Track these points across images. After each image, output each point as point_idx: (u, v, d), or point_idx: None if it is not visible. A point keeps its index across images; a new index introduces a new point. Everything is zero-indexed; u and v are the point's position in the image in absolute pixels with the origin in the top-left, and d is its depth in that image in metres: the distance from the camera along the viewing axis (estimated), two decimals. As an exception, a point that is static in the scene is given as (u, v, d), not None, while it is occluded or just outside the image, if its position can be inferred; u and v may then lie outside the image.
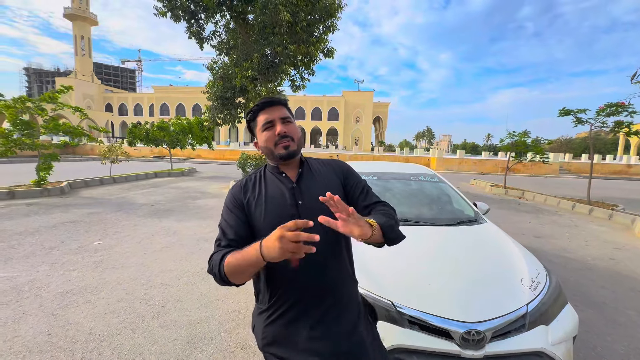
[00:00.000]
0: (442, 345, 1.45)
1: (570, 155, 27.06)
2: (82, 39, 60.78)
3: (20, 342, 2.20)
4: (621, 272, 3.99)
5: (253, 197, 1.03)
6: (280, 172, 1.08)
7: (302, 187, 1.05)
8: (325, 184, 1.07)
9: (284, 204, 1.01)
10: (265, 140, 1.05)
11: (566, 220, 7.15)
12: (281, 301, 1.00)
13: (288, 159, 1.05)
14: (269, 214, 1.00)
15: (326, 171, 1.13)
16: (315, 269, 0.99)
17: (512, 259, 1.96)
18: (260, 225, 0.99)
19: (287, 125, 1.04)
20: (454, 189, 3.11)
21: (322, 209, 0.90)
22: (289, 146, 1.03)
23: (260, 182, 1.07)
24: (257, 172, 1.13)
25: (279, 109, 1.06)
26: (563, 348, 1.54)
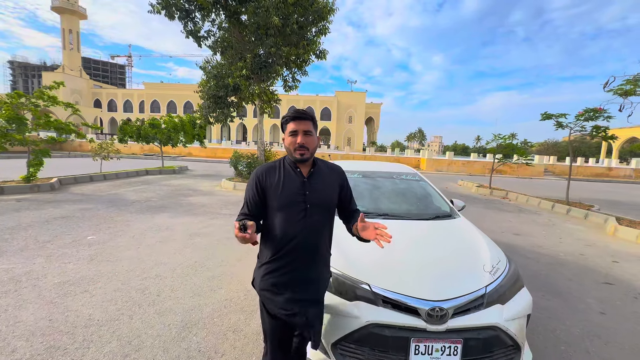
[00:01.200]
0: (410, 321, 1.66)
1: (555, 158, 27.88)
2: (70, 33, 59.48)
3: (23, 326, 2.33)
4: (588, 266, 4.30)
5: (272, 181, 1.39)
6: (297, 168, 1.42)
7: (311, 182, 1.41)
8: (327, 184, 1.47)
9: (295, 192, 1.38)
10: (288, 143, 1.39)
11: (545, 220, 7.51)
12: (276, 261, 1.38)
13: (301, 162, 1.40)
14: (282, 197, 1.37)
15: (330, 175, 1.51)
16: (308, 244, 1.39)
17: (477, 248, 2.20)
18: (274, 203, 1.37)
19: (307, 137, 1.37)
20: (433, 187, 3.35)
21: (322, 200, 1.42)
22: (304, 154, 1.37)
23: (280, 171, 1.42)
24: (279, 162, 1.46)
25: (305, 123, 1.37)
26: (516, 324, 1.77)
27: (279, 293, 1.38)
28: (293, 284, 1.39)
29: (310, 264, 1.42)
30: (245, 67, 9.90)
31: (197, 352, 2.14)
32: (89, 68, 74.88)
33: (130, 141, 15.11)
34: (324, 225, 1.45)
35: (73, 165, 15.60)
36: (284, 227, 1.36)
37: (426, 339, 1.64)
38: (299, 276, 1.40)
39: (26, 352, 2.05)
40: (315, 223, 1.40)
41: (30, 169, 8.16)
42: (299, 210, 1.36)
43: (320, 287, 1.49)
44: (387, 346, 1.66)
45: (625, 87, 7.11)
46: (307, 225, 1.37)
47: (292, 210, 1.36)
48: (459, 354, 1.64)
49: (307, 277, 1.42)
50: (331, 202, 1.49)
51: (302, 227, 1.36)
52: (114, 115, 60.12)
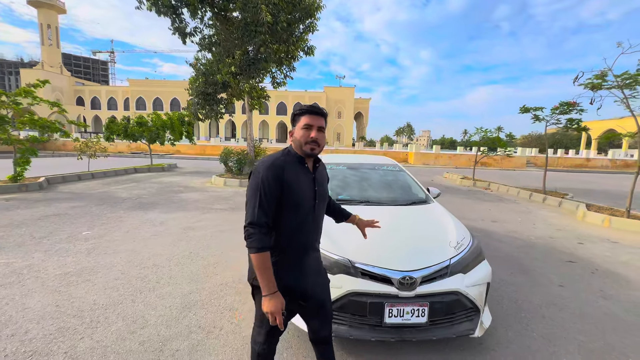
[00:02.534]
0: (384, 289, 1.93)
1: (537, 150, 28.86)
2: (48, 28, 57.46)
3: (32, 312, 2.51)
4: (555, 248, 4.70)
5: (291, 177, 1.33)
6: (304, 163, 1.42)
7: (317, 178, 1.46)
8: (325, 180, 1.56)
9: (309, 189, 1.40)
10: (300, 136, 1.37)
11: (522, 208, 7.97)
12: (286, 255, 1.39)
13: (310, 157, 1.42)
14: (300, 194, 1.36)
15: (324, 170, 1.58)
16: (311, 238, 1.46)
17: (445, 228, 2.49)
18: (293, 200, 1.33)
19: (320, 134, 1.39)
20: (412, 177, 3.64)
21: (325, 195, 1.52)
22: (315, 149, 1.38)
23: (294, 168, 1.37)
24: (286, 156, 1.39)
25: (320, 119, 1.40)
26: (475, 290, 2.06)
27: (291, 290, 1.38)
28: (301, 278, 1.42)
29: (313, 251, 1.48)
30: (234, 64, 9.97)
31: (198, 328, 2.37)
32: (69, 64, 72.63)
33: (117, 139, 14.97)
34: (322, 218, 1.54)
35: (58, 164, 15.36)
36: (293, 222, 1.36)
37: (398, 303, 1.92)
38: (307, 270, 1.44)
39: (39, 333, 2.24)
40: (319, 217, 1.47)
41: (17, 168, 8.11)
42: (309, 206, 1.39)
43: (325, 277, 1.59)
44: (365, 311, 1.93)
45: (594, 81, 7.58)
46: (313, 220, 1.42)
47: (304, 207, 1.38)
48: (426, 315, 1.93)
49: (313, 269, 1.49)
50: (327, 195, 1.60)
51: (309, 222, 1.41)
52: (97, 113, 58.69)
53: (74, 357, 2.00)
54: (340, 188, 3.25)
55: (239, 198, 8.01)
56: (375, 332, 1.95)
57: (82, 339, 2.18)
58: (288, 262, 1.39)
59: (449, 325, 2.01)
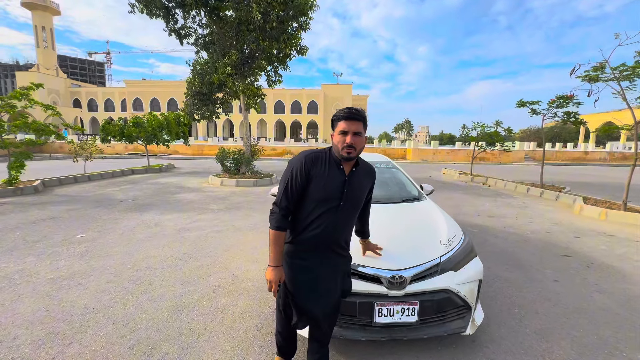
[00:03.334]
0: (374, 288, 1.92)
1: (535, 144, 28.84)
2: (43, 30, 57.12)
3: (21, 317, 2.48)
4: (551, 242, 4.69)
5: (318, 172, 1.43)
6: (340, 165, 1.47)
7: (351, 181, 1.48)
8: (363, 186, 1.57)
9: (335, 188, 1.45)
10: (337, 141, 1.43)
11: (519, 202, 7.96)
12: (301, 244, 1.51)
13: (347, 161, 1.46)
14: (323, 191, 1.43)
15: (366, 176, 1.58)
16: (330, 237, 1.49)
17: (437, 225, 2.47)
18: (313, 194, 1.43)
19: (356, 138, 1.41)
20: (405, 174, 3.62)
21: (356, 198, 1.52)
22: (351, 154, 1.41)
23: (326, 164, 1.46)
24: (325, 154, 1.49)
25: (357, 124, 1.41)
26: (466, 287, 2.04)
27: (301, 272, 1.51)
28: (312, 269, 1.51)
29: (328, 254, 1.52)
30: (229, 64, 9.92)
31: (188, 330, 2.35)
32: (65, 66, 72.28)
33: (114, 141, 14.90)
34: (349, 222, 1.55)
35: (55, 167, 15.30)
36: (313, 216, 1.44)
37: (388, 302, 1.90)
38: (318, 263, 1.51)
39: (27, 339, 2.21)
40: (344, 219, 1.50)
41: (12, 172, 8.06)
42: (333, 205, 1.44)
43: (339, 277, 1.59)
44: (355, 311, 1.91)
45: (591, 73, 7.54)
46: (335, 220, 1.46)
47: (327, 204, 1.43)
48: (416, 314, 1.91)
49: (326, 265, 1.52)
50: (361, 202, 1.59)
51: (330, 221, 1.45)
52: (95, 114, 58.44)
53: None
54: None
55: (236, 198, 7.98)
56: (366, 332, 1.93)
57: (71, 344, 2.16)
58: (301, 250, 1.50)
59: (440, 324, 1.99)
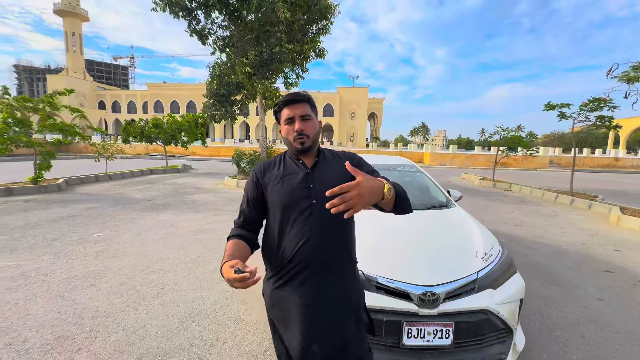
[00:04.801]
0: (402, 305, 1.71)
1: (561, 150, 27.56)
2: (73, 36, 59.94)
3: (33, 318, 2.43)
4: (589, 255, 4.30)
5: (271, 177, 1.20)
6: (299, 159, 1.22)
7: (316, 173, 1.18)
8: (336, 174, 1.18)
9: (298, 186, 1.15)
10: (285, 133, 1.20)
11: (548, 210, 7.48)
12: (284, 271, 1.15)
13: (303, 153, 1.19)
14: (283, 193, 1.15)
15: (337, 163, 1.24)
16: (316, 244, 1.12)
17: (471, 236, 2.23)
18: (274, 202, 1.17)
19: (305, 123, 1.16)
20: (430, 178, 3.38)
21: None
22: (304, 142, 1.16)
23: (279, 165, 1.24)
24: (279, 156, 1.28)
25: (302, 106, 1.17)
26: (507, 308, 1.80)
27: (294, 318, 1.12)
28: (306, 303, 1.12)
29: (324, 274, 1.14)
30: (248, 65, 9.95)
31: (200, 340, 2.22)
32: (92, 70, 75.47)
33: (134, 141, 15.28)
34: (337, 227, 1.17)
35: (79, 166, 15.82)
36: (286, 230, 1.14)
37: (418, 322, 1.69)
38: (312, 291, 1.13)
39: (37, 342, 2.14)
40: (326, 224, 1.13)
41: (37, 171, 8.32)
42: (303, 207, 1.13)
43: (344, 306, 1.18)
44: (381, 330, 1.71)
45: (630, 73, 7.02)
46: (314, 225, 1.12)
47: (293, 208, 1.14)
48: (450, 336, 1.69)
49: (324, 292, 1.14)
50: None
51: (308, 228, 1.12)
52: (118, 116, 60.61)
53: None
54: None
55: (251, 200, 7.91)
56: (393, 353, 1.73)
57: (79, 351, 2.07)
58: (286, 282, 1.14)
59: (478, 348, 1.76)
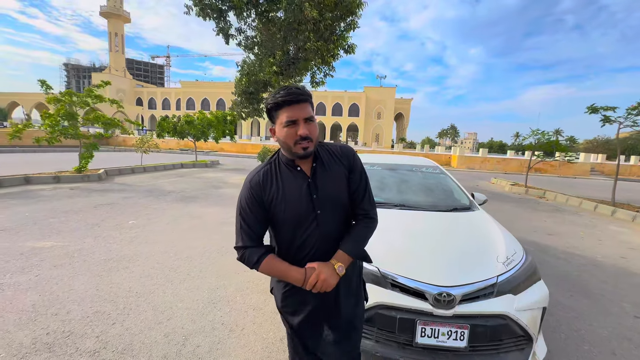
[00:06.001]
0: (417, 304, 1.72)
1: (604, 156, 25.54)
2: (116, 36, 64.16)
3: (75, 293, 2.68)
4: (629, 269, 4.00)
5: (272, 194, 1.11)
6: (296, 166, 1.14)
7: (317, 182, 1.13)
8: (334, 179, 1.16)
9: (302, 200, 1.11)
10: (285, 136, 1.07)
11: (585, 221, 7.01)
12: None
13: (304, 158, 1.11)
14: (289, 210, 1.10)
15: (335, 165, 1.19)
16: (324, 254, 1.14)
17: (493, 239, 2.18)
18: (281, 218, 1.12)
19: (309, 126, 1.06)
20: (454, 180, 3.31)
21: (333, 197, 1.15)
22: (308, 148, 1.06)
23: (277, 178, 1.13)
24: (271, 164, 1.17)
25: (305, 106, 1.06)
26: (528, 315, 1.75)
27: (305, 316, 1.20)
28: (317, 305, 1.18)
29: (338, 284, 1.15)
30: (274, 64, 10.18)
31: (221, 325, 2.34)
32: (131, 68, 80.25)
33: (167, 136, 16.12)
34: (341, 230, 1.18)
35: (118, 158, 16.93)
36: (293, 243, 1.14)
37: (432, 322, 1.69)
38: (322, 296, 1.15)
39: (78, 314, 2.37)
40: (331, 230, 1.15)
41: (81, 161, 9.04)
42: (309, 220, 1.11)
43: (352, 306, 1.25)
44: (394, 327, 1.73)
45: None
46: (321, 235, 1.12)
47: (300, 222, 1.12)
48: (465, 339, 1.67)
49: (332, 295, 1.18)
50: (344, 197, 1.19)
51: (315, 240, 1.12)
52: (153, 112, 64.08)
53: (104, 341, 2.08)
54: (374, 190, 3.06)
55: (274, 196, 8.10)
56: (405, 351, 1.74)
57: (114, 325, 2.26)
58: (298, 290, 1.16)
59: (494, 354, 1.73)
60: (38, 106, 60.20)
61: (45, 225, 4.57)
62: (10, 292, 2.65)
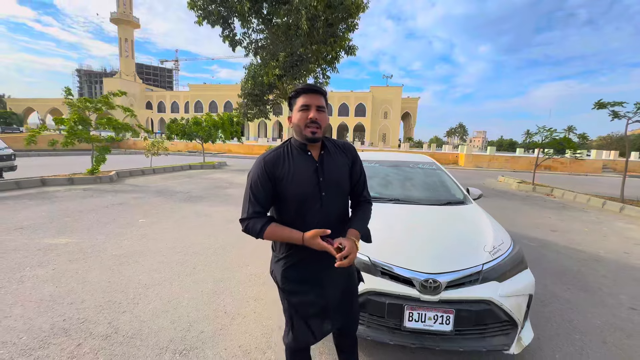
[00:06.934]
0: (405, 290, 1.82)
1: (617, 153, 24.97)
2: (125, 42, 65.54)
3: (89, 285, 2.86)
4: (630, 264, 4.00)
5: (284, 172, 1.24)
6: (307, 151, 1.28)
7: (324, 167, 1.28)
8: (339, 166, 1.33)
9: (309, 180, 1.25)
10: (298, 119, 1.24)
11: (591, 217, 6.95)
12: (294, 255, 1.30)
13: (313, 142, 1.26)
14: (296, 187, 1.24)
15: (339, 155, 1.36)
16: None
17: (481, 230, 2.26)
18: (288, 195, 1.24)
19: (319, 113, 1.23)
20: (450, 176, 3.38)
21: (336, 183, 1.31)
22: (316, 132, 1.22)
23: (289, 159, 1.27)
24: (284, 147, 1.31)
25: (318, 97, 1.24)
26: (513, 301, 1.83)
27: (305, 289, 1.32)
28: (316, 279, 1.32)
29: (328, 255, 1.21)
30: (278, 67, 10.36)
31: (223, 313, 2.48)
32: (141, 73, 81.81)
33: (176, 139, 16.46)
34: (340, 212, 1.33)
35: (128, 160, 17.37)
36: (297, 219, 1.25)
37: (419, 307, 1.79)
38: (321, 270, 1.31)
39: (92, 303, 2.54)
40: (332, 211, 1.29)
41: (94, 164, 9.37)
42: (314, 200, 1.25)
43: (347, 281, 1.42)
44: (384, 312, 1.83)
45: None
46: (323, 216, 1.26)
47: (306, 201, 1.24)
48: (451, 323, 1.77)
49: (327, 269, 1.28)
50: (345, 184, 1.35)
51: (318, 219, 1.25)
52: (162, 115, 65.27)
53: (115, 327, 2.24)
54: (370, 186, 3.16)
55: (279, 195, 8.25)
56: (395, 335, 1.84)
57: (124, 313, 2.42)
58: (297, 262, 1.30)
59: (479, 338, 1.82)
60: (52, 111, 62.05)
61: (61, 223, 4.81)
62: (30, 284, 2.84)
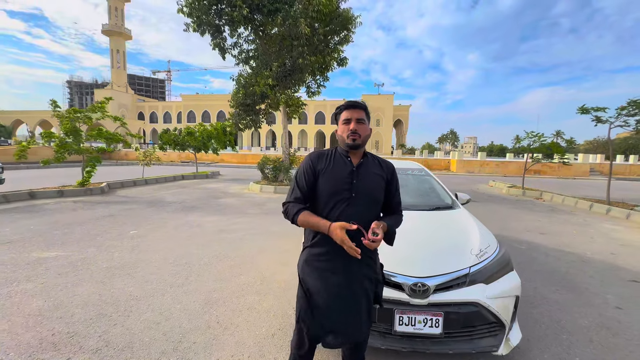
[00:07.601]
0: (394, 294, 1.85)
1: (603, 157, 25.61)
2: (117, 53, 65.51)
3: (79, 298, 2.82)
4: (617, 265, 4.10)
5: (324, 167, 1.43)
6: (347, 157, 1.46)
7: (360, 172, 1.43)
8: (374, 176, 1.45)
9: (343, 179, 1.40)
10: (342, 131, 1.44)
11: (579, 220, 7.10)
12: (317, 244, 1.41)
13: (353, 149, 1.43)
14: (330, 183, 1.40)
15: (378, 168, 1.49)
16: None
17: (468, 234, 2.32)
18: (322, 188, 1.41)
19: (359, 125, 1.41)
20: (438, 181, 3.46)
21: (368, 190, 1.42)
22: (356, 139, 1.40)
23: (331, 158, 1.46)
24: (330, 150, 1.52)
25: (359, 111, 1.43)
26: (499, 302, 1.88)
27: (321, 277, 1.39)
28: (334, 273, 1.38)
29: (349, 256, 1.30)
30: (270, 77, 10.47)
31: (216, 323, 2.47)
32: (133, 84, 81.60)
33: (169, 149, 16.39)
34: (367, 219, 1.36)
35: (120, 172, 17.19)
36: (326, 211, 1.39)
37: (409, 311, 1.82)
38: (339, 265, 1.38)
39: (81, 317, 2.51)
40: (358, 213, 1.37)
41: (85, 175, 9.26)
42: (343, 197, 1.38)
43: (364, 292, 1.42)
44: (374, 316, 1.86)
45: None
46: (349, 214, 1.35)
47: (336, 196, 1.38)
48: (440, 326, 1.80)
49: (348, 267, 1.37)
50: (377, 194, 1.44)
51: (344, 218, 1.33)
52: (155, 126, 64.93)
53: (106, 340, 2.21)
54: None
55: (273, 204, 8.25)
56: (386, 340, 1.87)
57: (115, 326, 2.39)
58: (320, 253, 1.40)
59: (468, 340, 1.85)
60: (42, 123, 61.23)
61: (50, 237, 4.73)
62: (18, 299, 2.79)
